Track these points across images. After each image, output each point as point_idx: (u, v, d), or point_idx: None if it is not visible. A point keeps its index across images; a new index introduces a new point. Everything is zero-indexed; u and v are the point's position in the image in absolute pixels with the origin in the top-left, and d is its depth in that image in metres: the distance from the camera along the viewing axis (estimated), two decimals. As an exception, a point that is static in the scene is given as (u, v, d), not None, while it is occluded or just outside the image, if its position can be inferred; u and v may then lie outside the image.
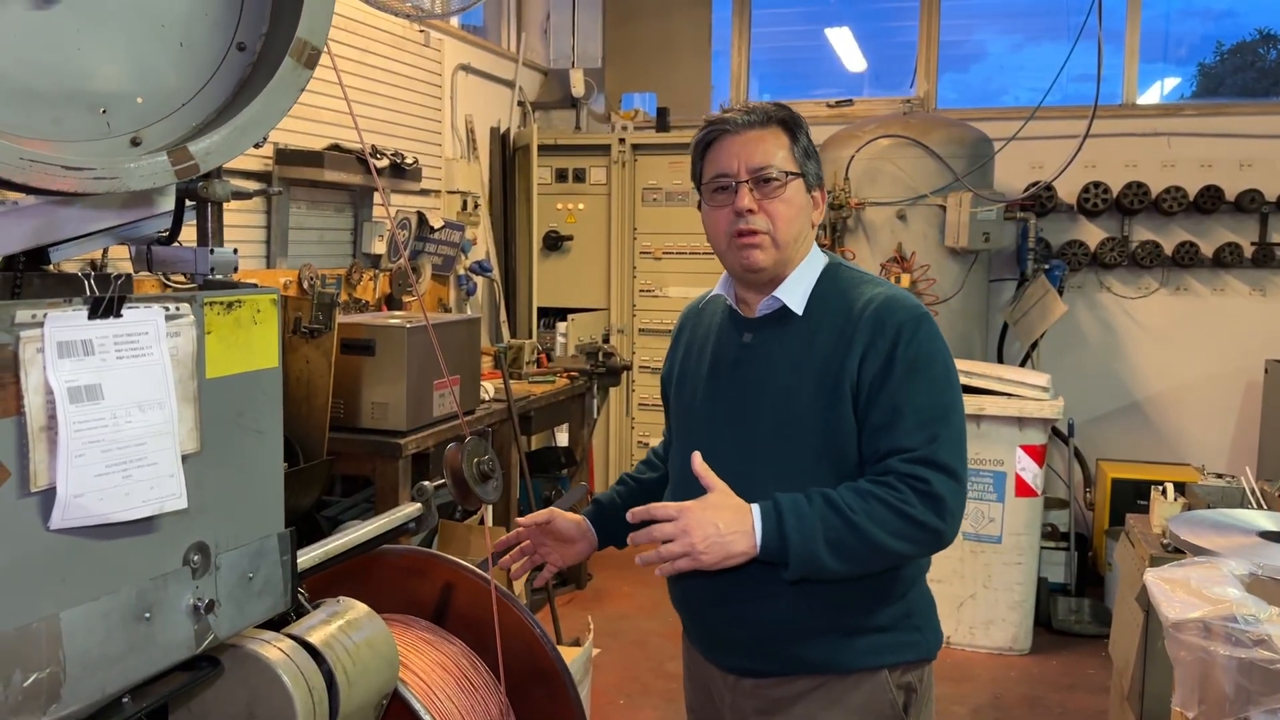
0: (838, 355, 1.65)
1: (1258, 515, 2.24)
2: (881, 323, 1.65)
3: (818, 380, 1.66)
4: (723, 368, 1.78)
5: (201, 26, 1.11)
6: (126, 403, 1.00)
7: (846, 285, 1.73)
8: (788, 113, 1.74)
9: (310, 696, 1.26)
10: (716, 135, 1.72)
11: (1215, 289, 5.55)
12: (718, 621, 1.77)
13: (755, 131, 1.69)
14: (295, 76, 1.12)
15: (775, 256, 1.69)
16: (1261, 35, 5.96)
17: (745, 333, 1.77)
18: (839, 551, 1.56)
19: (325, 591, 1.50)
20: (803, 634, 1.68)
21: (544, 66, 6.23)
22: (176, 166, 1.02)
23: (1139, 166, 5.52)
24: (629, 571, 5.27)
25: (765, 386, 1.71)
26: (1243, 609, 1.54)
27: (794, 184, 1.70)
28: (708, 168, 1.74)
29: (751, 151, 1.68)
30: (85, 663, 1.00)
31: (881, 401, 1.62)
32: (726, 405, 1.75)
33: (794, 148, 1.71)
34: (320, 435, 3.23)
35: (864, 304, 1.68)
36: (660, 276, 5.81)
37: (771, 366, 1.71)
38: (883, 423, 1.61)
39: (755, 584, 1.66)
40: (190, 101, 1.09)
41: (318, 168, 3.86)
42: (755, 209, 1.67)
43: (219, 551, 1.15)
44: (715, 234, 1.74)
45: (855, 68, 6.57)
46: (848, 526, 1.55)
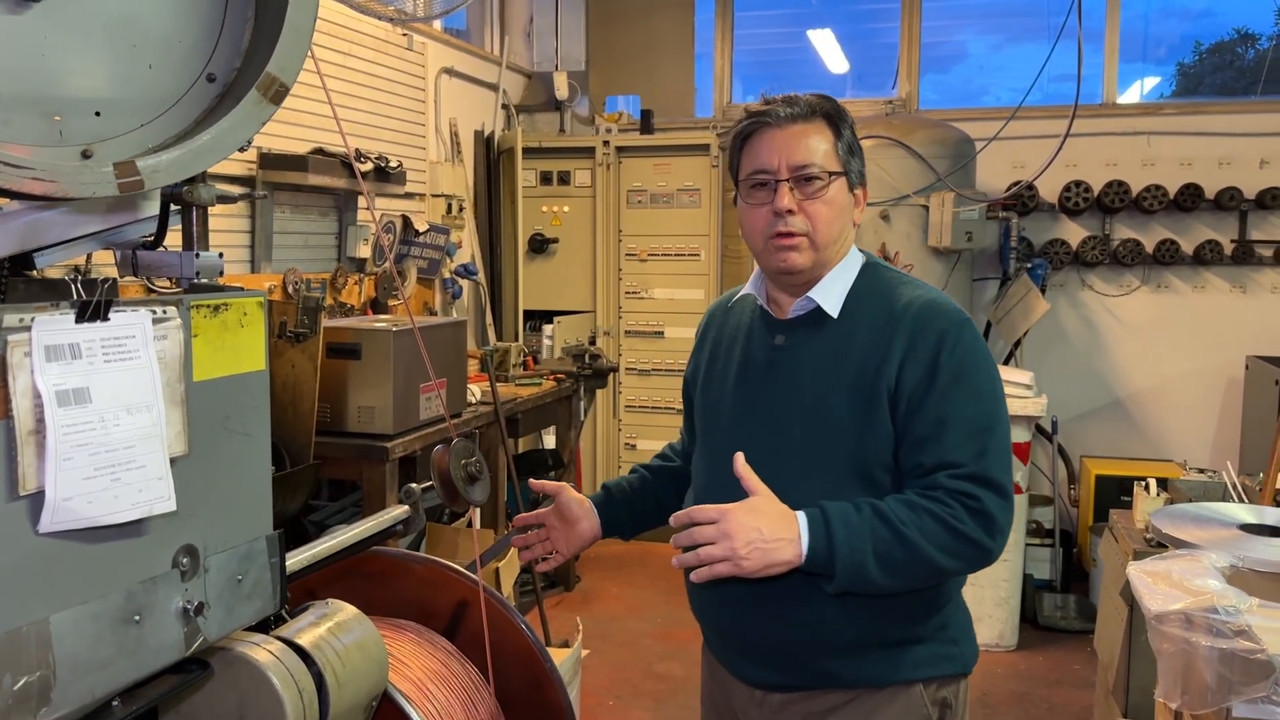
0: (875, 360, 1.58)
1: (1238, 508, 2.26)
2: (922, 328, 1.58)
3: (853, 385, 1.59)
4: (753, 370, 1.71)
5: (174, 53, 1.10)
6: (114, 406, 1.01)
7: (884, 287, 1.66)
8: (833, 106, 1.65)
9: (300, 698, 1.26)
10: (757, 128, 1.64)
11: (1196, 286, 5.60)
12: (747, 632, 1.68)
13: (798, 126, 1.61)
14: (259, 110, 1.11)
15: (813, 258, 1.62)
16: (1239, 34, 6.02)
17: (777, 334, 1.69)
18: (887, 565, 1.49)
19: (304, 596, 1.50)
20: (838, 647, 1.61)
21: (528, 69, 6.24)
22: (120, 180, 1.00)
23: (1119, 165, 5.56)
24: (618, 573, 5.28)
25: (797, 390, 1.64)
26: (1223, 600, 1.56)
27: (837, 183, 1.62)
28: (746, 162, 1.65)
29: (794, 148, 1.60)
30: (75, 666, 1.00)
31: (925, 412, 1.55)
32: (756, 408, 1.68)
33: (838, 144, 1.63)
34: (306, 439, 3.23)
35: (903, 307, 1.61)
36: (646, 278, 5.83)
37: (804, 370, 1.64)
38: (927, 435, 1.54)
39: (790, 593, 1.59)
40: (150, 123, 1.08)
41: (302, 172, 3.85)
42: (795, 209, 1.59)
43: (208, 554, 1.15)
44: (751, 233, 1.67)
45: (838, 69, 6.60)
46: (898, 540, 1.48)
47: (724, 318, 1.83)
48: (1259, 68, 5.83)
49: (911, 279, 1.71)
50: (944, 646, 1.65)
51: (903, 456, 1.57)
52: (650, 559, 5.50)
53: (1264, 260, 5.48)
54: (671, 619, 4.66)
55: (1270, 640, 1.48)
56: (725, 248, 5.70)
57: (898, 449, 1.58)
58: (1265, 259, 5.48)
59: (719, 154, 5.61)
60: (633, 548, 5.71)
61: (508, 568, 3.61)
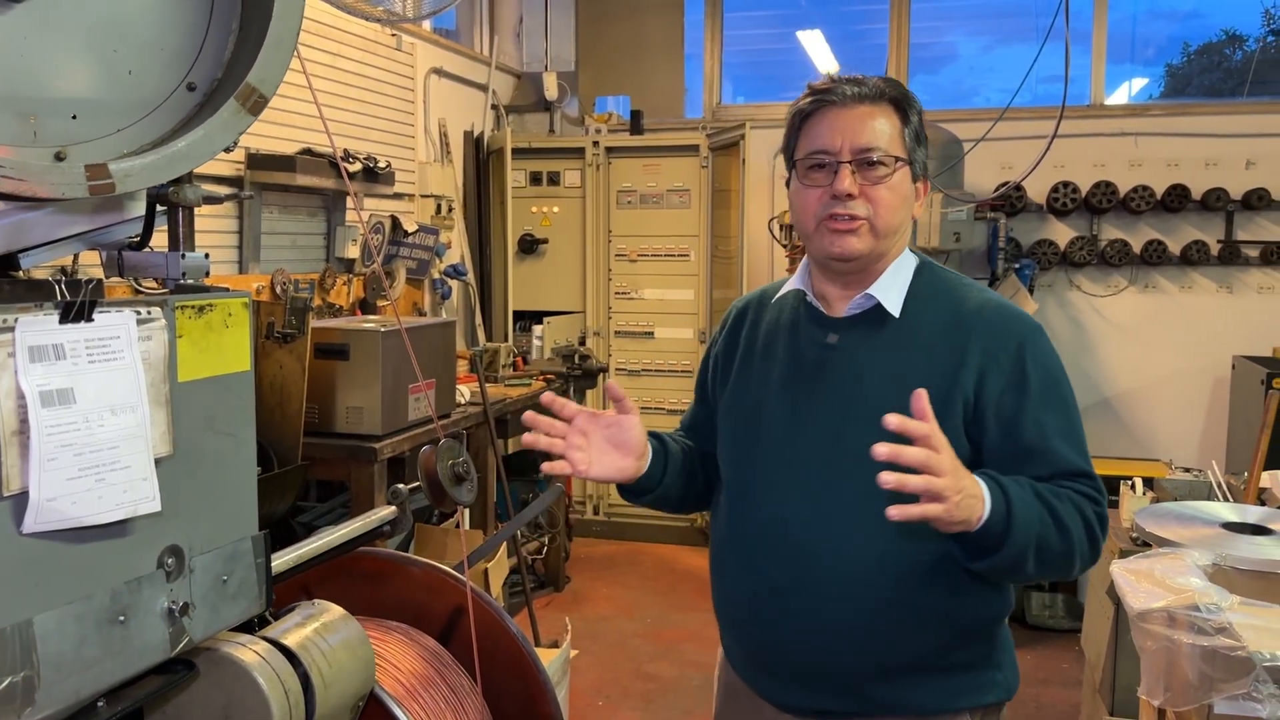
0: (947, 367, 1.49)
1: (1221, 507, 2.28)
2: (1000, 335, 1.50)
3: None
4: (802, 370, 1.58)
5: (155, 60, 1.10)
6: (99, 406, 1.01)
7: (946, 287, 1.58)
8: (901, 90, 1.56)
9: (286, 699, 1.26)
10: (819, 106, 1.53)
11: (1183, 286, 5.63)
12: (790, 651, 1.56)
13: (864, 107, 1.51)
14: (236, 120, 1.10)
15: (871, 245, 1.51)
16: (1227, 36, 6.05)
17: (829, 332, 1.58)
18: (1042, 555, 1.40)
19: (298, 595, 1.51)
20: (890, 671, 1.52)
21: (517, 70, 6.23)
22: (91, 182, 0.99)
23: (1107, 166, 5.59)
24: (608, 573, 5.28)
25: (857, 395, 1.52)
26: (1205, 598, 1.57)
27: (901, 171, 1.52)
28: (804, 141, 1.55)
29: (858, 129, 1.50)
30: (59, 666, 1.00)
31: (1024, 424, 1.47)
32: (806, 411, 1.56)
33: (904, 130, 1.53)
34: (294, 440, 3.23)
35: (973, 311, 1.53)
36: (635, 279, 5.83)
37: (863, 372, 1.53)
38: (1033, 447, 1.47)
39: (849, 610, 1.50)
40: (127, 128, 1.08)
41: (290, 172, 3.85)
42: (856, 193, 1.49)
43: (193, 554, 1.15)
44: (804, 214, 1.55)
45: (827, 70, 6.61)
46: (1059, 530, 1.40)
47: (759, 313, 1.71)
48: (1246, 69, 5.87)
49: (968, 279, 1.63)
50: (990, 673, 1.57)
51: (1003, 469, 1.46)
52: (640, 559, 5.51)
53: (1250, 261, 5.52)
54: (661, 619, 4.66)
55: (1251, 637, 1.49)
56: (715, 248, 5.71)
57: (984, 462, 1.48)
58: (1251, 259, 5.51)
59: (708, 155, 5.62)
60: (623, 548, 5.72)
61: (496, 568, 3.61)
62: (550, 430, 1.51)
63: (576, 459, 1.51)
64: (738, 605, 1.64)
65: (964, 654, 1.54)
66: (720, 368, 1.74)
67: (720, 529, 1.68)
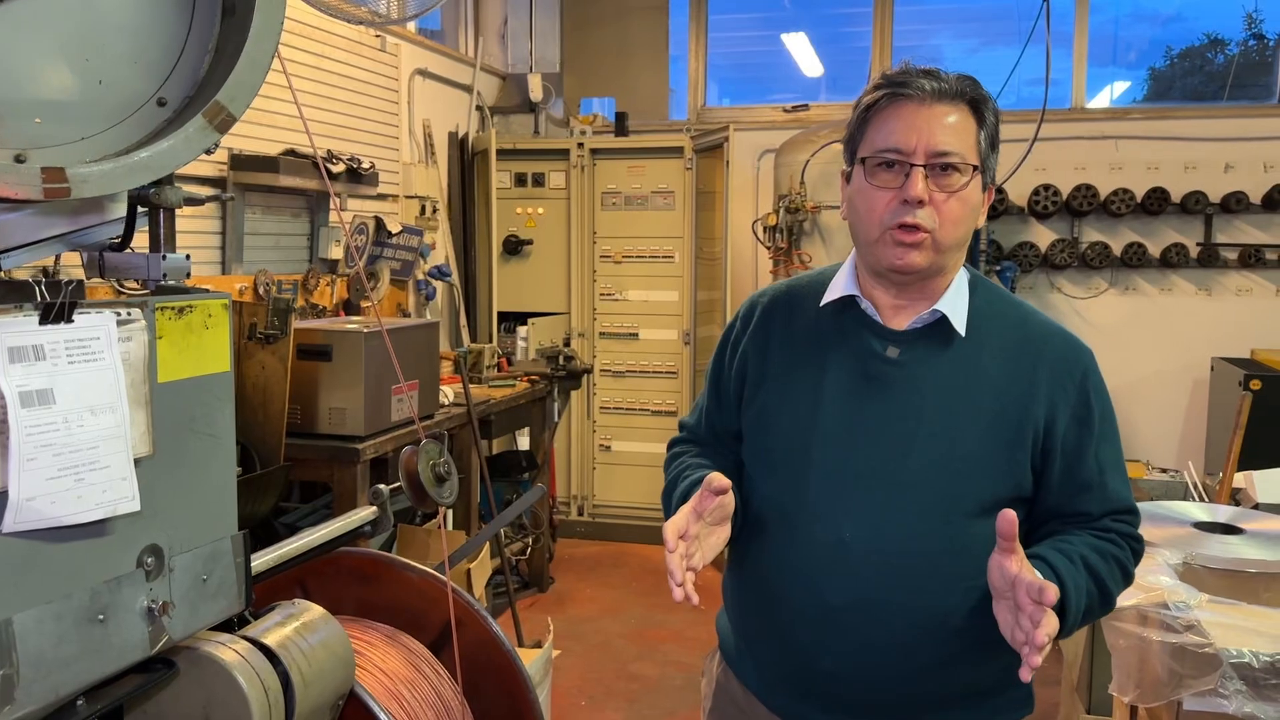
0: (1018, 394, 1.44)
1: (1192, 507, 2.30)
2: (1067, 364, 1.46)
3: (993, 418, 1.43)
4: (861, 384, 1.49)
5: (127, 73, 1.11)
6: (79, 407, 1.02)
7: (1005, 307, 1.53)
8: (980, 90, 1.45)
9: (266, 697, 1.27)
10: (893, 100, 1.43)
11: (1163, 289, 5.68)
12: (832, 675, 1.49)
13: (943, 106, 1.41)
14: (202, 136, 1.11)
15: (932, 260, 1.43)
16: (1209, 40, 6.10)
17: (889, 345, 1.49)
18: (1087, 620, 1.43)
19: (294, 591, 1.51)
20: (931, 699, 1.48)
21: (502, 71, 6.24)
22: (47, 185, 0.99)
23: (1088, 169, 5.63)
24: (592, 574, 5.29)
25: (919, 414, 1.45)
26: (1175, 596, 1.60)
27: (975, 180, 1.43)
28: (874, 136, 1.44)
29: (935, 130, 1.39)
30: (39, 665, 1.01)
31: (1086, 459, 1.45)
32: (867, 428, 1.47)
33: (980, 134, 1.43)
34: (277, 441, 3.23)
35: (1039, 337, 1.49)
36: (620, 280, 5.84)
37: (928, 392, 1.46)
38: (1090, 482, 1.46)
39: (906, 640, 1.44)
40: (93, 137, 1.08)
41: (273, 173, 3.84)
42: (926, 200, 1.39)
43: (173, 554, 1.16)
44: (868, 218, 1.45)
45: (812, 72, 6.64)
46: (1102, 597, 1.42)
47: (790, 312, 1.59)
48: (1228, 73, 5.92)
49: (1020, 300, 1.59)
50: (1021, 690, 1.54)
51: (1058, 503, 1.47)
52: (624, 560, 5.52)
53: (1229, 263, 5.57)
54: (645, 620, 4.68)
55: (1219, 634, 1.52)
56: (699, 250, 5.73)
57: (1041, 492, 1.47)
58: (1230, 262, 5.57)
59: (693, 156, 5.63)
60: (607, 548, 5.73)
61: (479, 569, 3.62)
62: (678, 574, 1.34)
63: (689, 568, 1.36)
64: (779, 630, 1.53)
65: (1002, 675, 1.48)
66: (751, 367, 1.60)
67: (760, 546, 1.55)
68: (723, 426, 1.67)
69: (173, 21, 1.15)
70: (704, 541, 1.39)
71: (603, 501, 5.91)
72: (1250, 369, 4.90)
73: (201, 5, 1.17)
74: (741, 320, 1.65)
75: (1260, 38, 5.92)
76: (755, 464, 1.58)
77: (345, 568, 1.82)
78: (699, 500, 1.37)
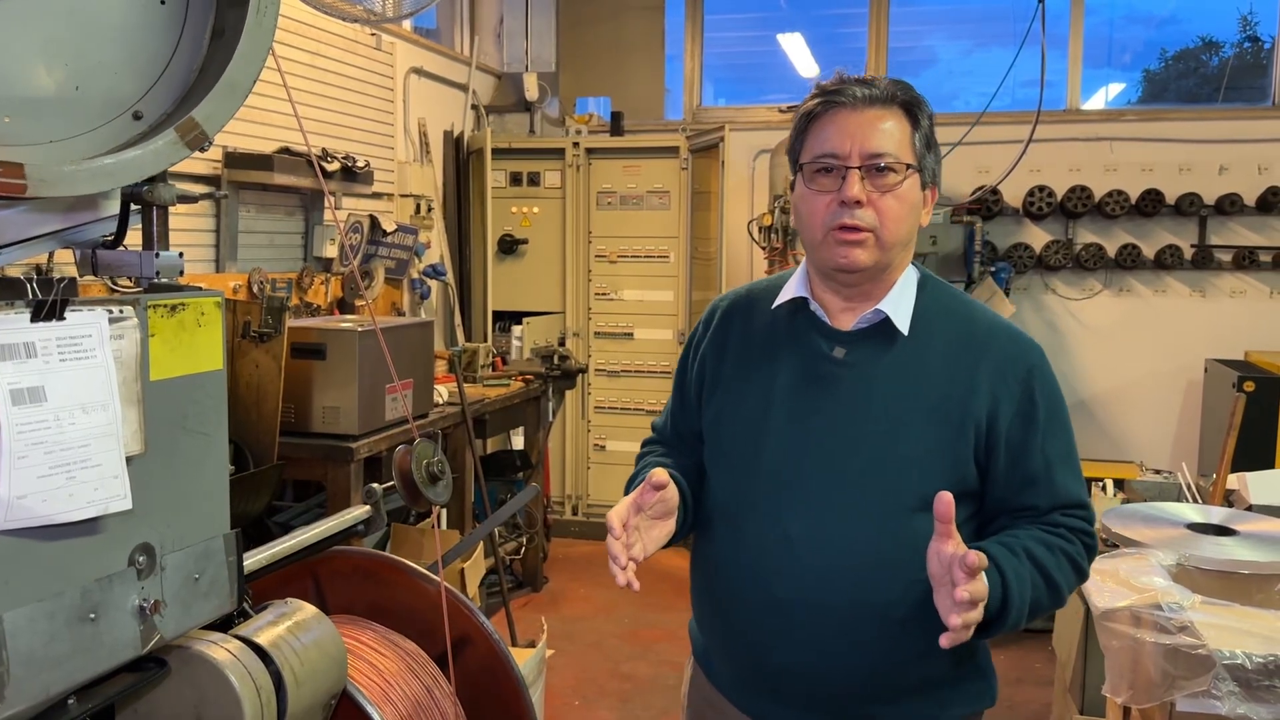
0: (960, 390, 1.47)
1: (1186, 508, 2.31)
2: (1011, 361, 1.50)
3: (935, 415, 1.47)
4: (808, 384, 1.53)
5: (105, 83, 1.10)
6: (70, 405, 1.01)
7: (952, 305, 1.56)
8: (912, 94, 1.51)
9: (258, 697, 1.27)
10: (828, 108, 1.49)
11: (1156, 290, 5.69)
12: (783, 670, 1.53)
13: (875, 110, 1.47)
14: (172, 151, 1.10)
15: (877, 257, 1.47)
16: (1204, 42, 6.12)
17: (836, 345, 1.53)
18: (1035, 613, 1.44)
19: (273, 595, 1.51)
20: (885, 690, 1.51)
21: (497, 70, 6.23)
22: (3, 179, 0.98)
23: (1082, 171, 5.64)
24: (585, 573, 5.29)
25: (865, 412, 1.49)
26: (1168, 597, 1.60)
27: (911, 178, 1.48)
28: (811, 143, 1.50)
29: (868, 134, 1.45)
30: (29, 663, 1.01)
31: (1031, 453, 1.48)
32: (812, 427, 1.51)
33: (915, 135, 1.49)
34: (270, 440, 3.22)
35: (983, 333, 1.52)
36: (615, 280, 5.84)
37: (874, 391, 1.49)
38: (1037, 476, 1.48)
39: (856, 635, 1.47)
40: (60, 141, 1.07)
41: (267, 171, 3.84)
42: (864, 201, 1.44)
43: (164, 552, 1.16)
44: (810, 222, 1.50)
45: (807, 73, 6.65)
46: (1050, 590, 1.44)
47: (749, 315, 1.64)
48: (1222, 75, 5.93)
49: (971, 298, 1.62)
50: (978, 681, 1.58)
51: (1005, 496, 1.50)
52: (618, 559, 5.51)
53: (1223, 265, 5.58)
54: (639, 620, 4.68)
55: (1211, 635, 1.52)
56: (694, 250, 5.73)
57: (988, 485, 1.50)
58: (1224, 264, 5.58)
59: (688, 156, 5.63)
60: (601, 548, 5.69)
61: (473, 568, 3.62)
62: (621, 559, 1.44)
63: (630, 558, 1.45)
64: (736, 626, 1.58)
65: (959, 669, 1.54)
66: (709, 371, 1.66)
67: (715, 544, 1.61)
68: (686, 428, 1.72)
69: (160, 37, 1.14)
70: (645, 534, 1.47)
71: (597, 501, 5.91)
72: (1244, 371, 4.91)
73: (191, 25, 1.16)
74: (703, 324, 1.71)
75: (1255, 40, 5.93)
76: (712, 464, 1.63)
77: (359, 569, 1.82)
78: (640, 493, 1.44)
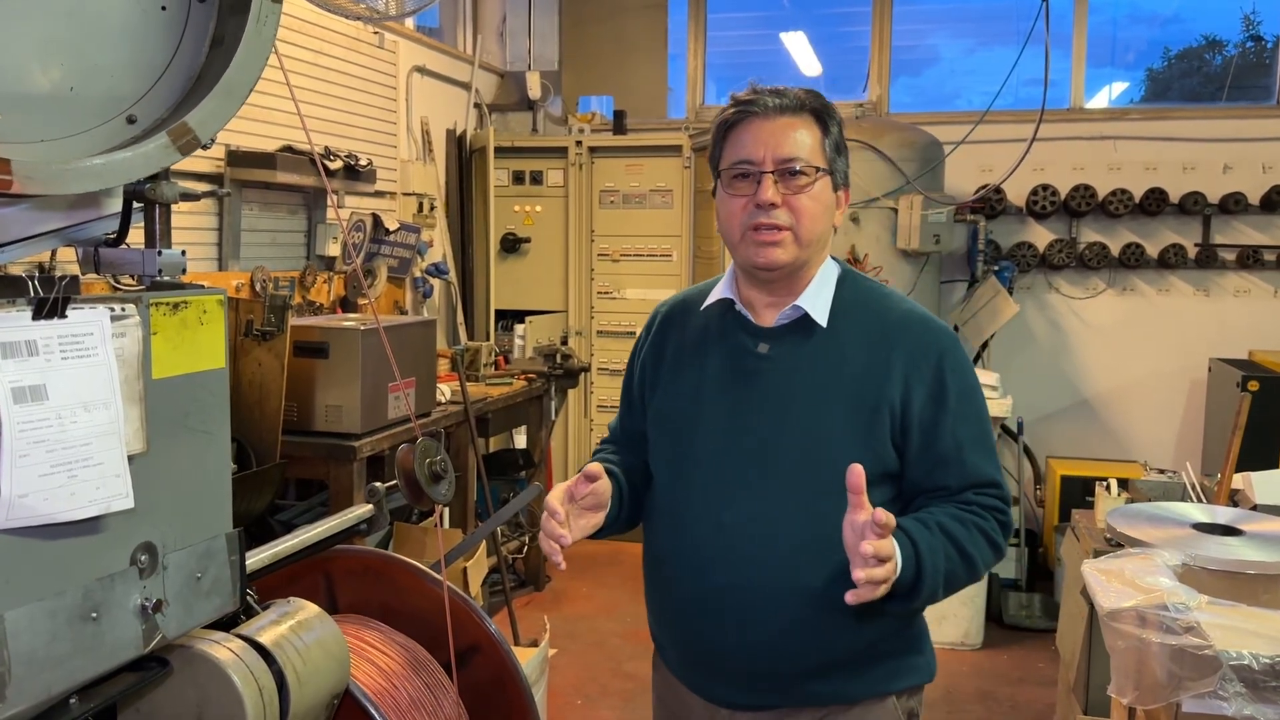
0: (874, 377, 1.56)
1: (1191, 508, 2.30)
2: (922, 347, 1.58)
3: (852, 401, 1.55)
4: (735, 380, 1.62)
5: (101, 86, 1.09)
6: (72, 403, 1.01)
7: (869, 297, 1.64)
8: (821, 102, 1.61)
9: (260, 697, 1.26)
10: (742, 118, 1.58)
11: (1160, 289, 5.68)
12: (723, 652, 1.61)
13: (786, 118, 1.56)
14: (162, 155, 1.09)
15: (795, 254, 1.57)
16: (1207, 41, 6.10)
17: (760, 342, 1.62)
18: (951, 585, 1.52)
19: (276, 594, 1.51)
20: (826, 666, 1.58)
21: (500, 69, 6.23)
22: None
23: (1086, 169, 5.63)
24: (588, 573, 5.29)
25: (788, 403, 1.57)
26: (1174, 598, 1.59)
27: (822, 181, 1.57)
28: (729, 151, 1.60)
29: (780, 140, 1.55)
30: (30, 663, 1.00)
31: (942, 434, 1.55)
32: (740, 420, 1.60)
33: (825, 141, 1.59)
34: (273, 438, 3.22)
35: (897, 322, 1.60)
36: (618, 279, 5.84)
37: (796, 382, 1.58)
38: (949, 456, 1.56)
39: (787, 614, 1.55)
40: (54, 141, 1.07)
41: (270, 169, 3.83)
42: (779, 203, 1.54)
43: (166, 551, 1.15)
44: (729, 224, 1.60)
45: (810, 71, 6.63)
46: (964, 561, 1.51)
47: (683, 318, 1.75)
48: (1226, 74, 5.92)
49: (890, 289, 1.70)
50: (912, 657, 1.66)
51: (919, 477, 1.57)
52: (621, 558, 5.51)
53: (1227, 264, 5.56)
54: (641, 618, 4.64)
55: (1218, 636, 1.51)
56: (697, 248, 5.72)
57: (904, 467, 1.57)
58: (1228, 263, 5.56)
59: (691, 155, 5.63)
60: (604, 547, 5.72)
61: (475, 567, 3.61)
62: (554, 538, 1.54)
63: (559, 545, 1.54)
64: (678, 611, 1.67)
65: (891, 644, 1.62)
66: (649, 373, 1.76)
67: (657, 536, 1.71)
68: (633, 428, 1.81)
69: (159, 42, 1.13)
70: (574, 521, 1.57)
71: (599, 500, 5.90)
72: (1248, 370, 4.89)
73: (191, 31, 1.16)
74: (645, 329, 1.83)
75: (1258, 39, 5.92)
76: (654, 461, 1.73)
77: (370, 569, 1.81)
78: (574, 483, 1.54)
